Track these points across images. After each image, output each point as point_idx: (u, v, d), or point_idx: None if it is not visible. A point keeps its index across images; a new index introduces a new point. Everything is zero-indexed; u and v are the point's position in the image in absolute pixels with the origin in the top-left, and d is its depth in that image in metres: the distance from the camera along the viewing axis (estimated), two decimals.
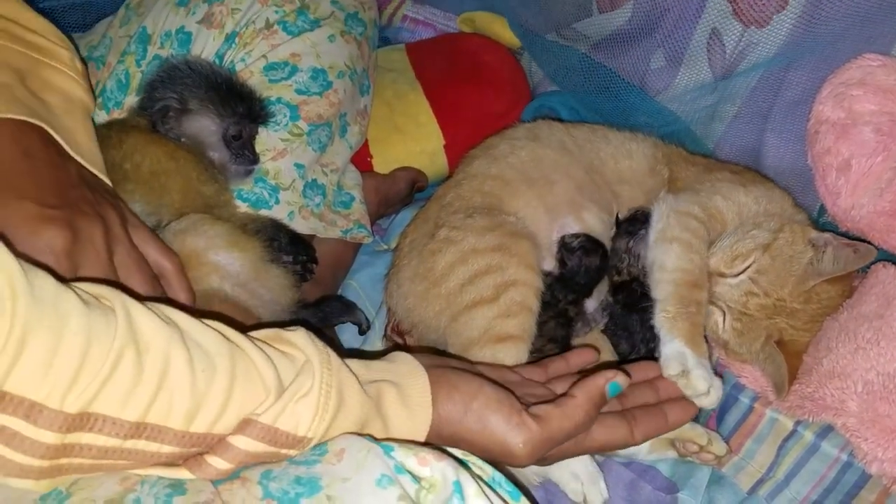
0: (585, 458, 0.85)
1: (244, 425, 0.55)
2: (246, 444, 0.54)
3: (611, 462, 0.90)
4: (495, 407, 0.63)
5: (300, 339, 0.60)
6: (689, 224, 0.95)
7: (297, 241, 0.95)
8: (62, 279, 0.51)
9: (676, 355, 0.84)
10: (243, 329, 0.59)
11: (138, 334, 0.51)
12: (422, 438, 0.62)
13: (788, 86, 1.05)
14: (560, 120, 1.15)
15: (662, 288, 0.91)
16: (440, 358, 0.72)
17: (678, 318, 0.88)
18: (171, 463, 0.55)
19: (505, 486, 0.59)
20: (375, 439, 0.58)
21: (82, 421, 0.49)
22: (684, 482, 0.89)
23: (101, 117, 0.98)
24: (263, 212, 0.96)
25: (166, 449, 0.53)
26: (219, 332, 0.57)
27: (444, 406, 0.63)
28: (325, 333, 0.92)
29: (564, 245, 1.01)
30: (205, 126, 0.91)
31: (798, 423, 0.90)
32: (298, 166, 0.99)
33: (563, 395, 0.68)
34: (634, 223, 1.01)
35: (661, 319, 0.89)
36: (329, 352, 0.60)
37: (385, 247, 1.19)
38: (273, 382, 0.55)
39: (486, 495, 0.54)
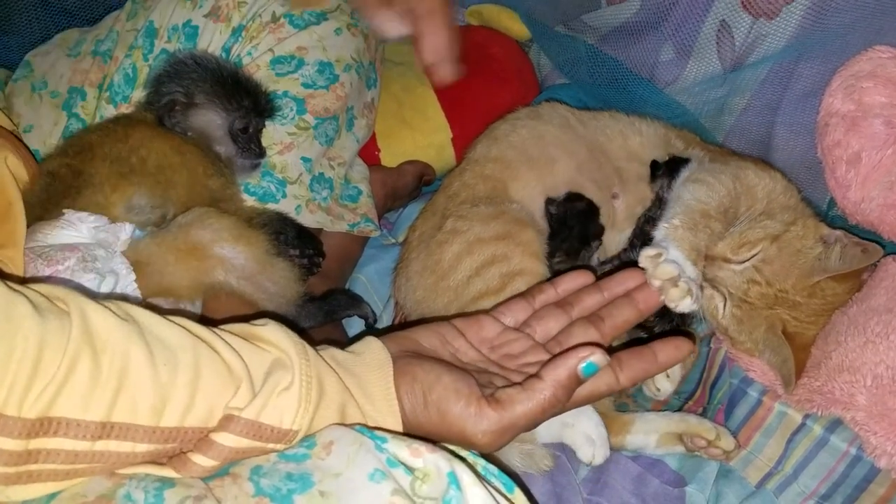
0: (596, 419, 0.86)
1: (227, 422, 0.54)
2: (230, 440, 0.54)
3: (619, 455, 0.90)
4: (453, 398, 0.62)
5: (272, 334, 0.59)
6: (718, 176, 0.95)
7: (304, 235, 0.95)
8: (13, 283, 0.51)
9: (658, 245, 0.82)
10: (213, 325, 0.59)
11: (94, 335, 0.51)
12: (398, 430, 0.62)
13: (798, 78, 1.05)
14: None
15: (671, 211, 0.90)
16: (409, 337, 0.70)
17: (680, 229, 0.86)
18: (153, 462, 0.54)
19: (499, 478, 0.59)
20: (368, 428, 0.58)
21: (43, 426, 0.48)
22: (692, 476, 0.88)
23: (109, 111, 0.99)
24: (270, 206, 0.97)
25: (141, 448, 0.53)
26: (181, 326, 0.56)
27: (405, 400, 0.62)
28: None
29: (548, 200, 1.01)
30: (211, 120, 0.92)
31: (807, 416, 0.89)
32: (305, 160, 0.99)
33: (533, 376, 0.64)
34: (678, 163, 1.01)
35: (661, 228, 0.87)
36: (304, 343, 0.60)
37: (392, 240, 1.19)
38: (241, 371, 0.55)
39: (483, 485, 0.54)
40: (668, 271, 0.78)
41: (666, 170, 1.01)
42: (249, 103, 0.92)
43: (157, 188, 0.84)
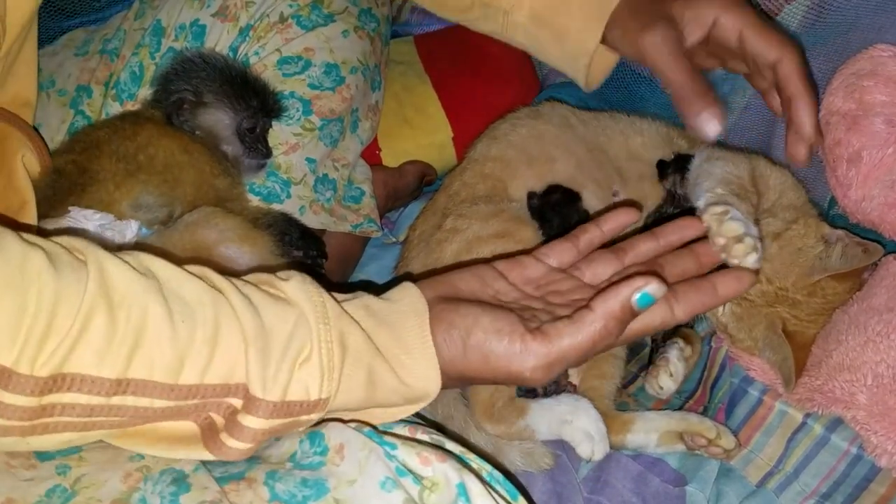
0: (594, 415, 0.86)
1: (252, 406, 0.53)
2: (259, 423, 0.53)
3: (619, 454, 0.90)
4: (495, 338, 0.59)
5: (292, 291, 0.57)
6: (737, 157, 0.94)
7: (308, 236, 0.95)
8: (29, 235, 0.50)
9: (723, 201, 0.79)
10: (236, 275, 0.58)
11: (111, 289, 0.50)
12: (435, 382, 0.59)
13: None
14: None
15: (708, 184, 0.87)
16: (446, 282, 0.66)
17: (728, 195, 0.83)
18: (172, 418, 0.53)
19: (503, 485, 0.58)
20: (377, 432, 0.58)
21: (56, 383, 0.48)
22: (693, 475, 0.89)
23: (115, 109, 0.99)
24: (275, 206, 0.97)
25: (159, 403, 0.51)
26: (203, 279, 0.55)
27: (444, 348, 0.59)
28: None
29: (529, 195, 1.01)
30: (219, 119, 0.92)
31: (807, 415, 0.89)
32: (310, 161, 1.00)
33: (583, 307, 0.60)
34: (686, 160, 1.00)
35: (706, 197, 0.83)
36: (325, 301, 0.57)
37: (393, 240, 1.20)
38: (252, 332, 0.53)
39: (491, 495, 0.54)
40: (734, 228, 0.73)
41: (675, 167, 1.01)
42: (257, 103, 0.92)
43: (165, 186, 0.84)
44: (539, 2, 0.85)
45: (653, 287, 0.59)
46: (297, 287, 0.57)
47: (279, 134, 0.98)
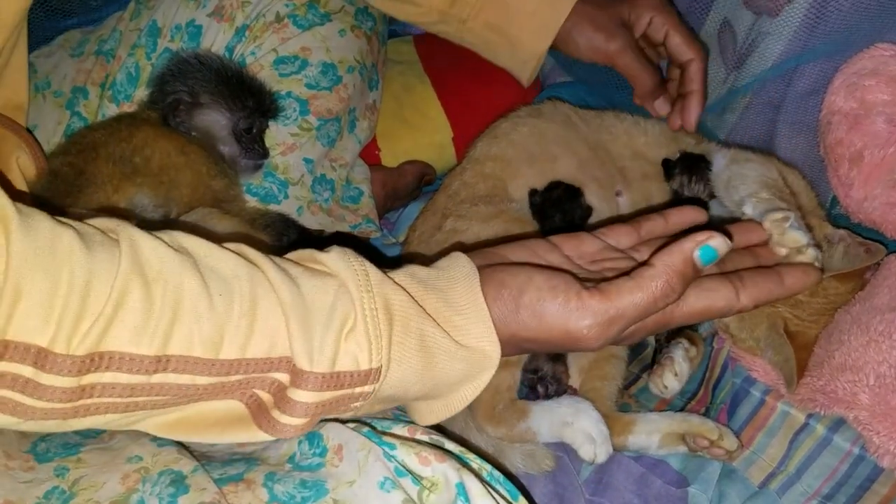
0: (595, 417, 0.86)
1: (299, 379, 0.52)
2: (310, 397, 0.52)
3: (621, 456, 0.89)
4: (549, 296, 0.56)
5: (332, 262, 0.55)
6: (761, 160, 0.94)
7: (306, 237, 0.95)
8: (61, 217, 0.50)
9: (783, 209, 0.77)
10: (277, 253, 0.56)
11: (145, 265, 0.49)
12: (492, 341, 0.57)
13: (800, 76, 1.04)
14: None
15: (747, 187, 0.86)
16: (497, 253, 0.64)
17: (775, 200, 0.82)
18: (216, 396, 0.52)
19: (504, 485, 0.58)
20: (376, 432, 0.57)
21: (94, 362, 0.47)
22: (695, 476, 0.88)
23: (111, 110, 0.99)
24: (272, 206, 0.97)
25: (202, 380, 0.50)
26: (239, 254, 0.54)
27: (494, 308, 0.57)
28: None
29: (531, 192, 1.01)
30: (215, 120, 0.92)
31: (810, 416, 0.89)
32: (307, 161, 0.99)
33: (642, 263, 0.58)
34: (692, 159, 1.00)
35: (750, 203, 0.81)
36: (367, 270, 0.55)
37: (393, 240, 1.19)
38: (291, 305, 0.52)
39: (491, 495, 0.53)
40: (797, 239, 0.73)
41: (682, 167, 1.01)
42: (254, 103, 0.92)
43: (161, 188, 0.84)
44: (493, 14, 0.99)
45: (717, 241, 0.57)
46: (337, 258, 0.56)
47: (276, 134, 0.98)
